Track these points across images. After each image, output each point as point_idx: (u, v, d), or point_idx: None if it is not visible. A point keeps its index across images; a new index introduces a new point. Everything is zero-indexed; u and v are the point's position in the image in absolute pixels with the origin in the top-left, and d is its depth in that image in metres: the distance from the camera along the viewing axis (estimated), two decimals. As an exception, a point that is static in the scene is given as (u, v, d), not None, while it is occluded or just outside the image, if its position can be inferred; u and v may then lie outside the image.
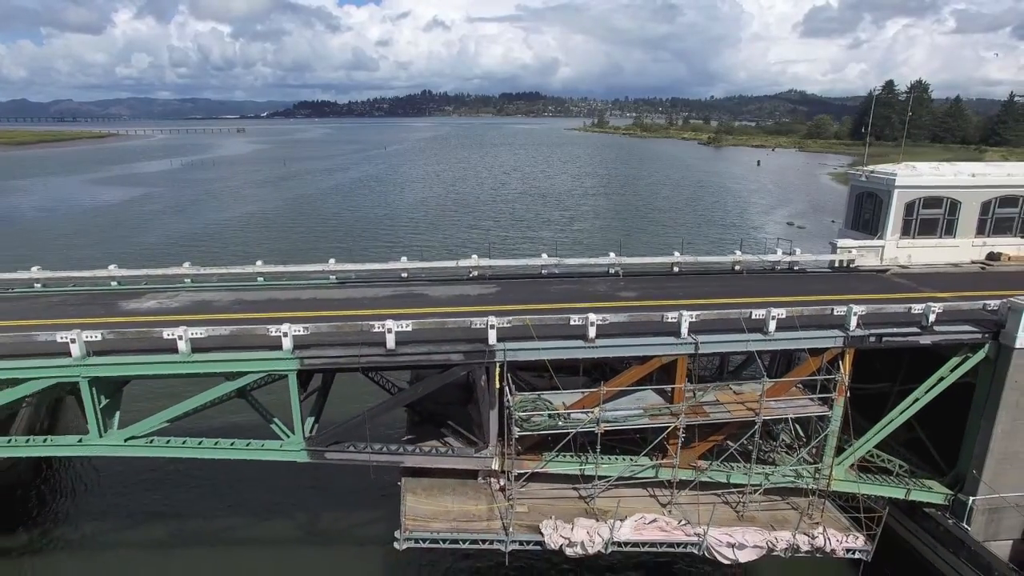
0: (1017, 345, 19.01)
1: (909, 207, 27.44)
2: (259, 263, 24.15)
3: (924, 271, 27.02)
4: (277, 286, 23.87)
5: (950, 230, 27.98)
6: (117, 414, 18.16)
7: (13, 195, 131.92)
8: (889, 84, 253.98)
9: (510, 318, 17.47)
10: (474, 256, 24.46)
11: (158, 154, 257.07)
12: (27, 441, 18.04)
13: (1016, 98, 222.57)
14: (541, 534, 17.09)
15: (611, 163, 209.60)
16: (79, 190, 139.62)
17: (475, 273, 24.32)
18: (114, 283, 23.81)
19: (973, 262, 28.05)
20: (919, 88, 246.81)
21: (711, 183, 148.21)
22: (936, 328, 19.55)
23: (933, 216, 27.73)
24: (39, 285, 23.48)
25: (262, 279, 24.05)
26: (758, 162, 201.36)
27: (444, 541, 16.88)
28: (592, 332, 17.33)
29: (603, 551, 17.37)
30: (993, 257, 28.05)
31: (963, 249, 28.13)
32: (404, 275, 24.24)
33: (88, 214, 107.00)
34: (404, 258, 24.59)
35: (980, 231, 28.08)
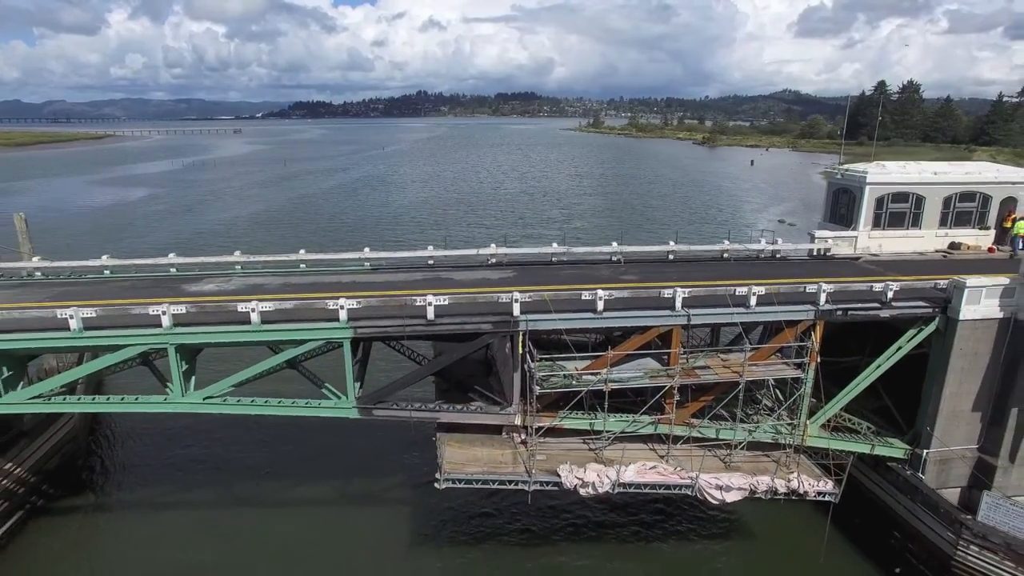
0: (961, 318, 22.23)
1: (879, 201, 30.61)
2: (302, 251, 27.25)
3: (892, 259, 30.15)
4: (318, 272, 26.93)
5: (916, 222, 31.12)
6: (193, 378, 21.19)
7: (20, 196, 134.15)
8: (881, 84, 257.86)
9: (530, 294, 20.64)
10: (492, 245, 27.65)
11: (158, 155, 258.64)
12: (121, 400, 21.08)
13: (1005, 99, 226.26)
14: (559, 476, 20.25)
15: (607, 163, 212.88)
16: (85, 191, 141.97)
17: (493, 260, 27.48)
18: (172, 269, 26.84)
19: (937, 251, 31.20)
20: (910, 88, 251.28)
21: (705, 182, 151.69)
22: (894, 304, 22.74)
23: (901, 210, 30.90)
24: (108, 272, 26.52)
25: (304, 266, 27.14)
26: (752, 162, 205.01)
27: (477, 482, 20.03)
28: (600, 305, 20.51)
29: (611, 491, 20.54)
30: (954, 246, 31.25)
31: (928, 239, 31.27)
32: (430, 262, 27.39)
33: (97, 214, 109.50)
34: (431, 247, 27.75)
35: (943, 223, 31.21)
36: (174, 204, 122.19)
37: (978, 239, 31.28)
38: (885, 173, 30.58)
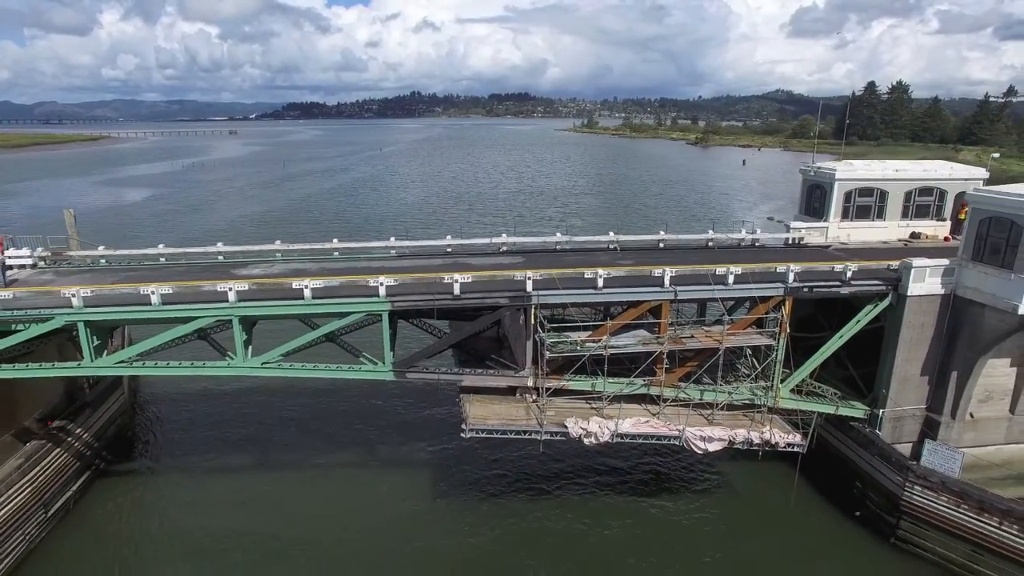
0: (909, 294, 25.89)
1: (847, 196, 34.23)
2: (335, 240, 30.76)
3: (859, 247, 33.74)
4: (350, 259, 30.40)
5: (880, 214, 34.76)
6: (250, 347, 24.63)
7: (26, 196, 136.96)
8: (871, 85, 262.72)
9: (540, 273, 24.20)
10: (503, 234, 31.23)
11: (156, 156, 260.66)
12: (191, 364, 24.50)
13: (991, 99, 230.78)
14: (566, 427, 23.81)
15: (602, 163, 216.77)
16: (91, 191, 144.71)
17: (504, 248, 31.04)
18: (220, 256, 30.28)
19: (899, 240, 34.82)
20: (899, 89, 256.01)
21: (698, 182, 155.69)
22: (852, 282, 26.40)
23: (866, 203, 34.54)
24: (163, 259, 29.95)
25: (337, 253, 30.62)
26: (743, 161, 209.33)
27: (496, 432, 23.56)
28: (600, 282, 24.10)
29: (610, 440, 24.11)
30: (915, 236, 34.92)
31: (891, 229, 34.91)
32: (449, 249, 30.93)
33: (105, 214, 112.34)
34: (449, 236, 31.29)
35: (904, 215, 34.85)
36: (179, 204, 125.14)
37: (936, 229, 34.95)
38: (852, 170, 34.26)
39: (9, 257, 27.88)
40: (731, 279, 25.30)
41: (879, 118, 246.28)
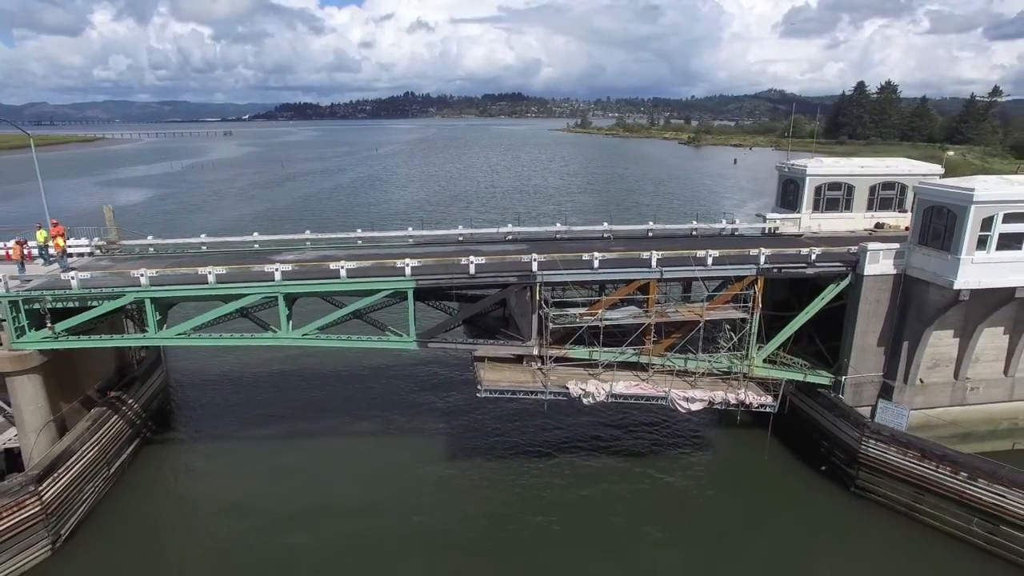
0: (866, 273, 29.64)
1: (818, 190, 37.97)
2: (358, 230, 34.35)
3: (828, 236, 37.54)
4: (372, 246, 33.98)
5: (848, 206, 38.49)
6: (290, 321, 28.17)
7: (32, 197, 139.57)
8: (860, 85, 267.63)
9: (544, 256, 27.85)
10: (509, 224, 34.89)
11: (154, 157, 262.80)
12: (241, 336, 28.03)
13: (977, 99, 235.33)
14: (567, 388, 27.48)
15: (595, 162, 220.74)
16: (95, 192, 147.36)
17: (510, 237, 34.70)
18: (255, 245, 33.81)
19: (865, 230, 38.59)
20: (888, 89, 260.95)
21: (690, 180, 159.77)
22: (817, 264, 30.16)
23: (835, 196, 38.28)
24: (204, 247, 33.46)
25: (360, 242, 34.20)
26: (735, 160, 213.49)
27: (507, 392, 27.21)
28: (596, 263, 27.78)
29: (606, 400, 27.78)
30: (879, 226, 38.69)
31: (857, 220, 38.67)
32: (460, 238, 34.56)
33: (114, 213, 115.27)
34: (460, 226, 34.92)
35: (870, 207, 38.61)
36: (184, 204, 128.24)
37: (898, 220, 38.71)
38: (822, 167, 38.07)
39: (70, 246, 31.32)
40: (710, 261, 29.03)
41: (868, 117, 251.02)
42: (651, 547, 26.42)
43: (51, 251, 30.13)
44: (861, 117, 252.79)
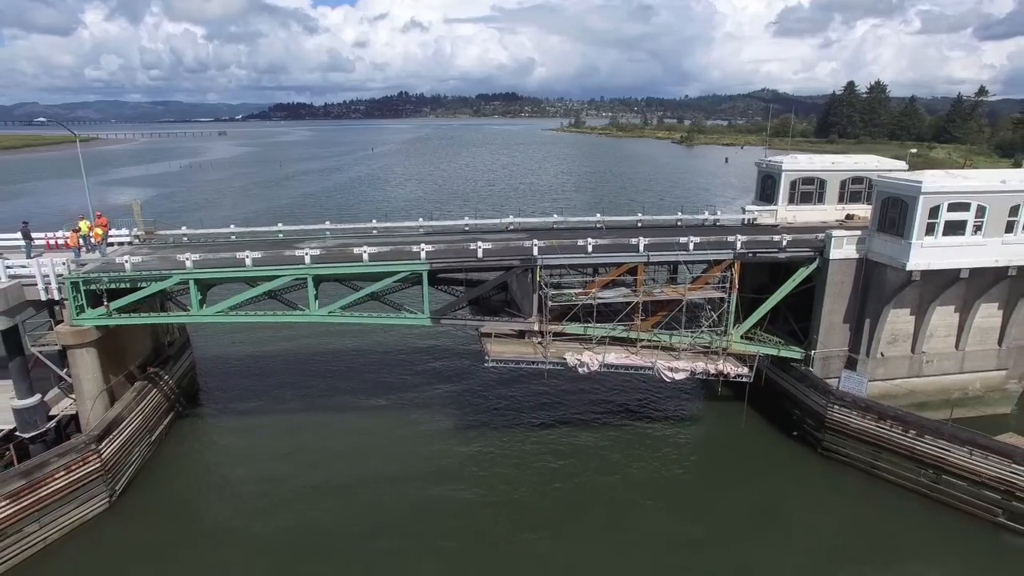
0: (832, 258, 33.12)
1: (793, 184, 41.44)
2: (374, 221, 37.68)
3: (802, 226, 41.02)
4: (386, 236, 37.27)
5: (820, 199, 41.91)
6: (317, 300, 31.45)
7: (36, 196, 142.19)
8: (850, 85, 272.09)
9: (543, 243, 31.25)
10: (511, 216, 38.30)
11: (152, 157, 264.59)
12: (275, 313, 31.31)
13: (964, 99, 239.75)
14: (565, 359, 30.90)
15: (590, 161, 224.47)
16: (98, 191, 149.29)
17: (512, 227, 38.08)
18: (280, 235, 37.09)
19: (836, 221, 42.06)
20: (877, 89, 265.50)
21: (681, 179, 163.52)
22: (787, 249, 33.64)
23: (808, 190, 41.76)
24: (233, 237, 36.70)
25: (375, 231, 37.51)
26: (726, 159, 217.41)
27: (511, 363, 30.62)
28: (590, 248, 31.20)
29: (599, 369, 31.20)
30: (849, 217, 42.13)
31: (829, 212, 42.12)
32: (467, 228, 37.90)
33: (120, 212, 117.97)
34: (466, 217, 38.26)
35: (840, 200, 42.04)
36: (187, 202, 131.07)
37: (867, 211, 41.93)
38: (796, 163, 41.56)
39: (112, 235, 34.53)
40: (692, 246, 32.48)
41: (858, 117, 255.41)
42: (639, 506, 29.66)
43: (92, 240, 33.27)
44: (851, 117, 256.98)
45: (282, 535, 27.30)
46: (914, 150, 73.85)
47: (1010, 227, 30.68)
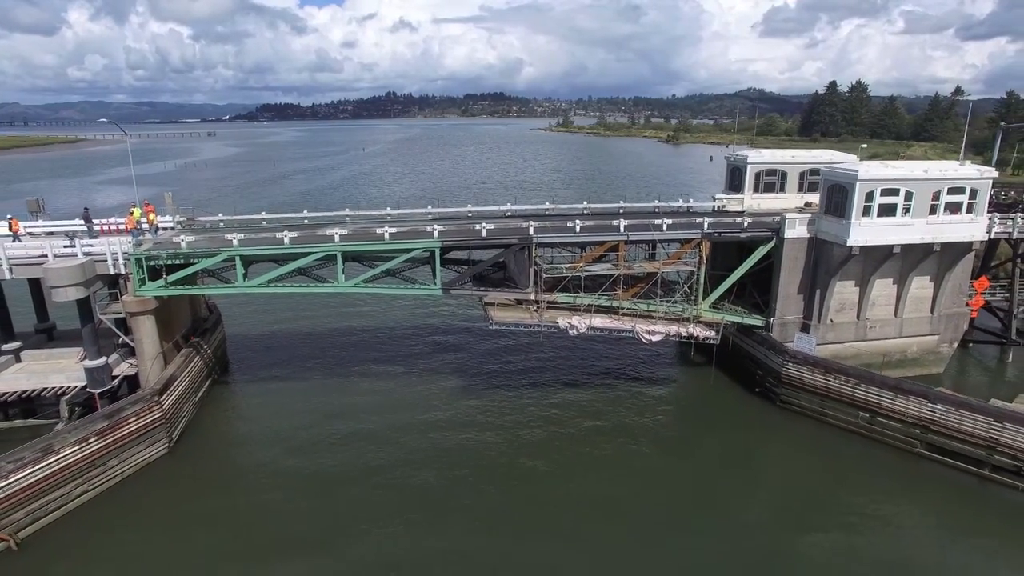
0: (786, 237, 38.46)
1: (757, 175, 46.69)
2: (388, 208, 42.67)
3: (766, 212, 46.18)
4: (400, 220, 42.21)
5: (782, 188, 47.15)
6: (343, 274, 36.34)
7: (36, 196, 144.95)
8: (832, 85, 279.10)
9: (538, 223, 36.41)
10: (508, 204, 43.42)
11: (146, 158, 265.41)
12: (307, 286, 36.18)
13: (941, 98, 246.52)
14: (557, 322, 36.07)
15: (578, 160, 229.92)
16: (97, 191, 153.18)
17: (509, 213, 43.20)
18: (305, 220, 41.98)
19: (796, 208, 47.38)
20: (859, 88, 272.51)
21: (666, 176, 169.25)
22: (748, 230, 38.95)
23: (771, 180, 47.00)
24: (264, 222, 41.55)
25: (390, 217, 42.49)
26: (711, 157, 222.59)
27: (511, 326, 35.80)
28: (578, 228, 36.39)
29: (587, 331, 36.40)
30: (808, 204, 47.29)
31: (791, 200, 47.33)
32: (470, 214, 42.97)
33: (120, 212, 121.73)
34: (469, 204, 43.33)
35: (800, 189, 47.28)
36: (188, 200, 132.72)
37: (823, 199, 47.67)
38: (760, 156, 46.90)
39: (160, 220, 39.29)
40: (665, 227, 37.73)
41: (840, 116, 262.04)
42: (625, 448, 34.71)
43: (144, 225, 38.00)
44: (833, 116, 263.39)
45: (318, 468, 32.26)
46: (864, 145, 79.59)
47: (933, 210, 36.17)
